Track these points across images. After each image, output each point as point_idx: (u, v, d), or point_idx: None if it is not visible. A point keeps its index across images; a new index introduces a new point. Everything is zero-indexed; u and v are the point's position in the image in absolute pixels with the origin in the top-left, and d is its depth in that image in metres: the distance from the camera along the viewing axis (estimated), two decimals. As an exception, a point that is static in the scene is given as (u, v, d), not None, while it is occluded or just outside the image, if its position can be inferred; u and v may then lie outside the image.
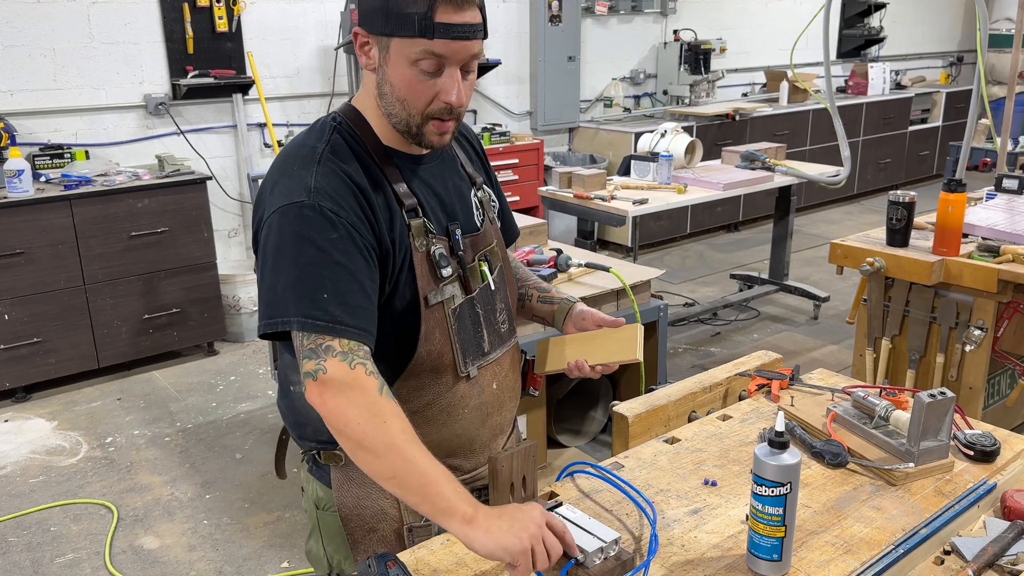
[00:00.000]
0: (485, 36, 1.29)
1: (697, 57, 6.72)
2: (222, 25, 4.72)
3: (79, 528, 3.06)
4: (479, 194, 1.49)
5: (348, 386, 1.18)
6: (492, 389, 1.47)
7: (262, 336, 1.26)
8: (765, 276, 5.25)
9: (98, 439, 3.70)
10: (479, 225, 1.46)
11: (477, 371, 1.43)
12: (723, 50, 7.13)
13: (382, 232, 1.30)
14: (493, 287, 1.46)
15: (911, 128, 8.22)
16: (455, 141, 1.51)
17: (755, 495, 1.20)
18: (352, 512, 1.43)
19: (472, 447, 1.47)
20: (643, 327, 1.50)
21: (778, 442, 1.18)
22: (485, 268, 1.45)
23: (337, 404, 1.18)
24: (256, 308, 4.99)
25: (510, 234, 1.67)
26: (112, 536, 3.00)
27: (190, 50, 4.68)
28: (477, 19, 1.25)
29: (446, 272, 1.36)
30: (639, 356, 1.45)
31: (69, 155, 4.30)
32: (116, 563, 2.86)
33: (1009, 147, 3.87)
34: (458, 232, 1.40)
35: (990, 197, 3.30)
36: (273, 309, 1.23)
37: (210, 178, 4.46)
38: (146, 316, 4.27)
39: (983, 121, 5.01)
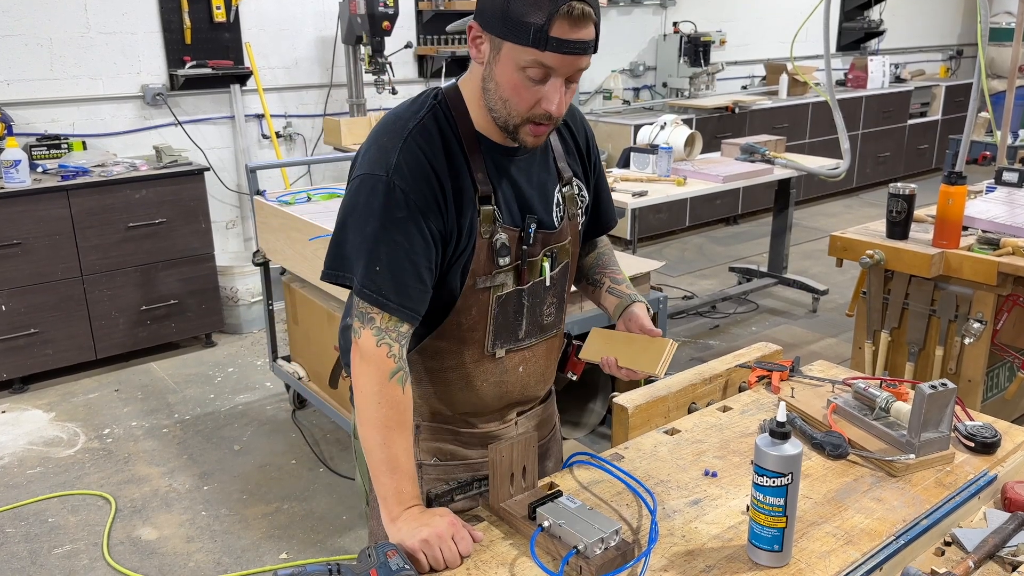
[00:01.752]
0: (595, 51, 1.31)
1: (697, 49, 6.70)
2: (220, 15, 4.70)
3: (77, 519, 3.05)
4: (564, 190, 1.49)
5: (369, 359, 1.33)
6: (517, 372, 1.50)
7: (324, 279, 1.40)
8: (764, 269, 5.24)
9: (96, 430, 3.70)
10: (556, 223, 1.47)
11: (505, 353, 1.47)
12: (723, 42, 7.11)
13: (451, 217, 1.34)
14: (548, 283, 1.47)
15: (910, 122, 8.21)
16: (555, 131, 1.51)
17: (756, 485, 1.19)
18: None
19: (486, 411, 1.53)
20: (676, 345, 1.49)
21: (779, 432, 1.18)
22: (546, 264, 1.46)
23: (357, 367, 1.35)
24: (254, 300, 4.95)
25: (604, 224, 1.67)
26: (110, 527, 2.99)
27: (188, 40, 4.66)
28: (591, 36, 1.27)
29: (503, 261, 1.39)
30: (660, 373, 1.46)
31: (66, 145, 4.28)
32: (114, 554, 2.85)
33: (1009, 141, 3.87)
34: (533, 226, 1.42)
35: (990, 190, 3.30)
36: (338, 263, 1.36)
37: (208, 169, 4.44)
38: (144, 307, 4.26)
39: (983, 114, 5.00)
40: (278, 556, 2.84)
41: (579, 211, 1.53)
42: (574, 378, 1.63)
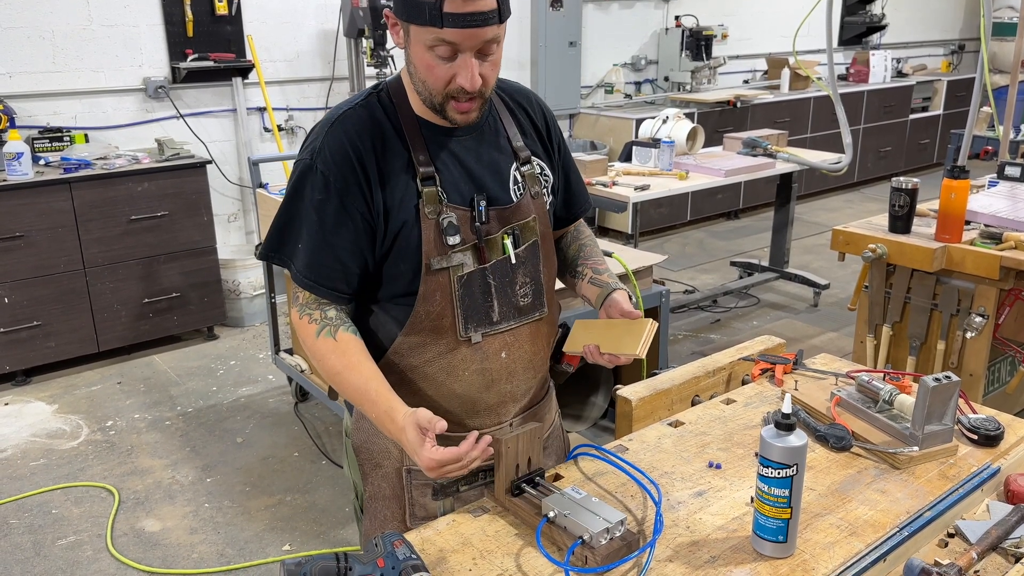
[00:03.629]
0: (501, 20, 1.30)
1: (699, 43, 6.70)
2: (222, 8, 4.69)
3: (80, 511, 3.06)
4: (523, 169, 1.49)
5: (300, 334, 1.44)
6: (500, 358, 1.48)
7: (260, 258, 1.51)
8: (765, 263, 5.25)
9: (98, 422, 3.70)
10: (513, 199, 1.46)
11: (481, 337, 1.45)
12: (724, 36, 7.10)
13: (376, 198, 1.37)
14: (514, 261, 1.46)
15: (912, 116, 8.20)
16: (509, 113, 1.52)
17: (761, 477, 1.20)
18: (363, 446, 1.54)
19: (475, 408, 1.50)
20: (657, 324, 1.46)
21: (785, 424, 1.18)
22: (508, 241, 1.45)
23: (303, 348, 1.47)
24: (256, 293, 4.95)
25: (577, 207, 1.66)
26: (113, 519, 3.00)
27: (190, 33, 4.65)
28: (489, 5, 1.26)
29: (452, 240, 1.39)
30: (641, 353, 1.42)
31: (68, 138, 4.27)
32: (118, 546, 2.86)
33: (1012, 135, 3.87)
34: (483, 203, 1.42)
35: (992, 185, 3.30)
36: (273, 243, 1.45)
37: (210, 162, 4.44)
38: (146, 300, 4.27)
39: (985, 109, 5.00)
40: (281, 548, 2.85)
41: (543, 190, 1.52)
42: (571, 369, 1.62)
